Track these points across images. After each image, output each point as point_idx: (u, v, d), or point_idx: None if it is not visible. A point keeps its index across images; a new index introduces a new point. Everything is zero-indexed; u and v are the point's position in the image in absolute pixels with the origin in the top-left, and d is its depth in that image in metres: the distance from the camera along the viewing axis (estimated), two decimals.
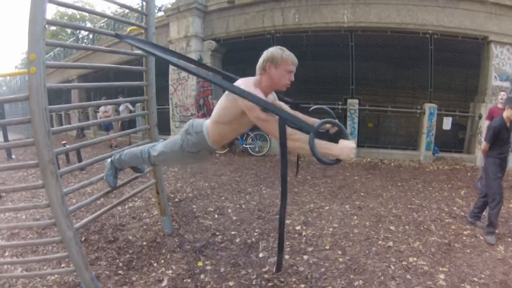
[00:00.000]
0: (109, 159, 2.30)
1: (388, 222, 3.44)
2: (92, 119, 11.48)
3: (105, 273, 2.43)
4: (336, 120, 1.63)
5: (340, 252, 2.78)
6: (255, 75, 1.72)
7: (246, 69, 1.78)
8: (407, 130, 8.98)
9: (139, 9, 4.25)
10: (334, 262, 2.61)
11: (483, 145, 3.18)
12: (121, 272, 2.45)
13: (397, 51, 7.19)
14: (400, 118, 9.00)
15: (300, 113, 1.93)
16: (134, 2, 11.63)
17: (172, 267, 2.51)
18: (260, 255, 2.72)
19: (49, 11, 1.73)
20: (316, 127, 1.49)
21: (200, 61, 7.43)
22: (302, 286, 2.28)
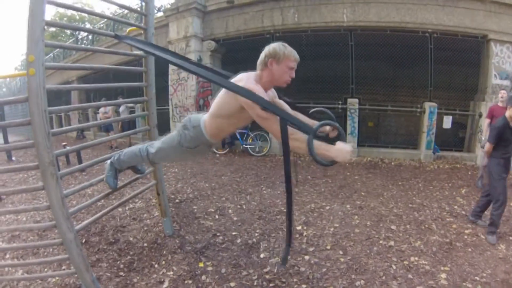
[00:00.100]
0: (108, 161, 2.30)
1: (389, 221, 3.43)
2: (92, 120, 11.47)
3: (106, 275, 2.43)
4: (335, 122, 1.64)
5: (341, 252, 2.77)
6: (256, 71, 1.71)
7: (245, 69, 1.77)
8: (407, 129, 8.98)
9: (139, 9, 4.25)
10: (335, 262, 2.60)
11: (487, 146, 3.09)
12: (122, 273, 2.45)
13: (396, 50, 7.18)
14: (400, 117, 8.99)
15: (300, 113, 1.92)
16: (133, 3, 11.61)
17: (173, 269, 2.51)
18: (261, 256, 2.71)
19: (48, 12, 1.73)
20: (315, 129, 1.50)
21: (199, 61, 7.43)
22: (304, 286, 2.28)
